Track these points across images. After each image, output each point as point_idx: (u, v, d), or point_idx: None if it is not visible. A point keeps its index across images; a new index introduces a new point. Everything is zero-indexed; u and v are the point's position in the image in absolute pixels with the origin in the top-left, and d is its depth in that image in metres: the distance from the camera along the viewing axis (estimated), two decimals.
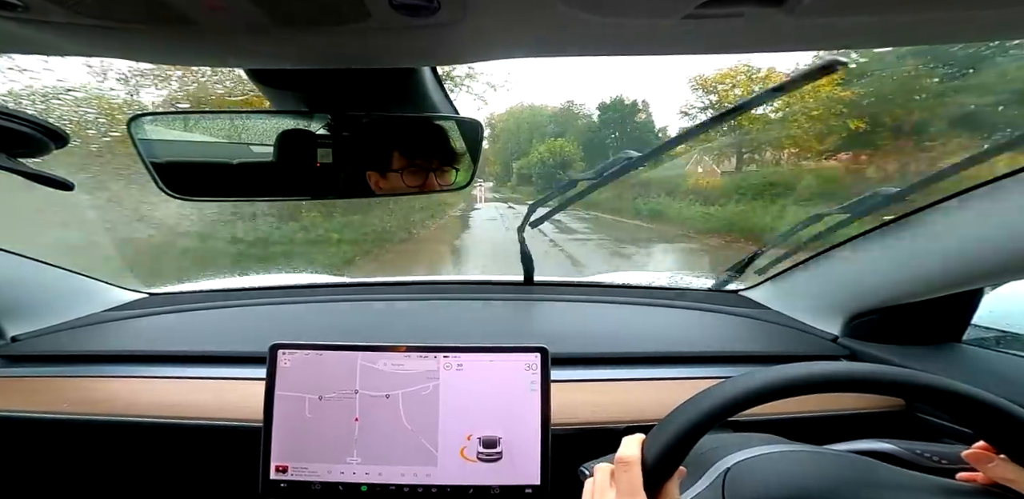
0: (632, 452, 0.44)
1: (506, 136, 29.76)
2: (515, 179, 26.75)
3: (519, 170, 25.82)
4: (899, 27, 0.41)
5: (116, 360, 0.88)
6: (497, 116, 31.11)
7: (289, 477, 0.68)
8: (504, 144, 29.78)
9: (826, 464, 0.49)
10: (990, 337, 0.88)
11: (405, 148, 0.69)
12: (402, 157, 0.68)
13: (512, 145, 28.37)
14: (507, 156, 29.02)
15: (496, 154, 30.97)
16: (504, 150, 29.50)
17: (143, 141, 0.62)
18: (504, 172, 30.43)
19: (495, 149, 30.71)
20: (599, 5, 0.35)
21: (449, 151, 0.72)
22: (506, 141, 29.63)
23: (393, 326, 1.02)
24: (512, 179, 28.27)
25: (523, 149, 26.38)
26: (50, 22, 0.38)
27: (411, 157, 0.68)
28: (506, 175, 29.75)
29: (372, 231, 7.18)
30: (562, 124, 26.39)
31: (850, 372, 0.44)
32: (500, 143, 30.47)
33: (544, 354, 0.70)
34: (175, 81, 4.31)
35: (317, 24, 0.39)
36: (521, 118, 29.51)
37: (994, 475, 0.44)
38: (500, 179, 30.75)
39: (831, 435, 0.62)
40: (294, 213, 5.73)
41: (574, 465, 0.58)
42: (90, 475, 0.85)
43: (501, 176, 30.63)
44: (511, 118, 30.10)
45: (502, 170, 30.65)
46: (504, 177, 30.34)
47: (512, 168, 27.89)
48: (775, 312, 1.03)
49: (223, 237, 4.75)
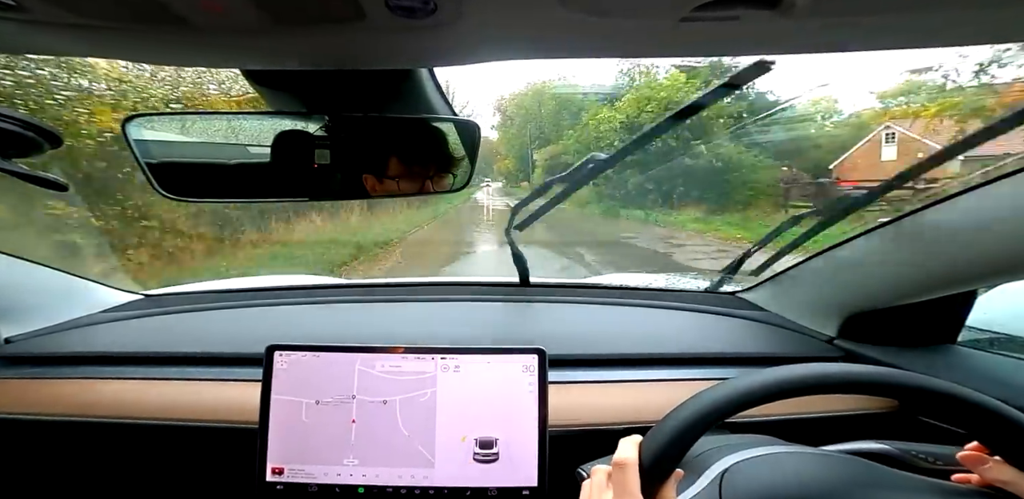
0: (629, 454, 0.44)
1: (523, 119, 21.26)
2: (538, 174, 18.98)
3: (548, 161, 17.79)
4: (894, 30, 0.41)
5: (111, 361, 0.88)
6: (512, 96, 22.24)
7: (286, 479, 0.68)
8: (520, 129, 21.66)
9: (822, 465, 0.50)
10: (984, 339, 0.88)
11: (402, 150, 0.68)
12: (399, 159, 0.68)
13: (533, 130, 21.22)
14: (523, 145, 21.30)
15: (508, 143, 22.78)
16: (519, 137, 21.68)
17: (138, 142, 0.62)
18: (519, 167, 22.53)
19: (507, 137, 22.97)
20: (595, 7, 0.35)
21: (446, 153, 0.72)
22: (523, 125, 21.34)
23: (390, 327, 1.02)
24: (531, 175, 20.51)
25: (549, 135, 18.83)
26: (50, 22, 0.38)
27: (408, 159, 0.68)
28: (521, 171, 22.40)
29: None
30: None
31: (846, 374, 0.44)
32: (514, 128, 22.22)
33: (541, 355, 0.70)
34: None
35: (314, 25, 0.39)
36: (545, 95, 20.19)
37: (988, 477, 0.45)
38: (513, 177, 23.24)
39: (826, 436, 0.62)
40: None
41: (571, 467, 0.58)
42: (86, 476, 0.85)
43: (514, 173, 23.12)
44: (532, 96, 20.47)
45: (516, 165, 22.79)
46: (519, 174, 22.65)
47: (532, 161, 20.52)
48: (771, 314, 1.03)
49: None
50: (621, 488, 0.42)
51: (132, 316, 1.04)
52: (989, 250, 0.64)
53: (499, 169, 24.96)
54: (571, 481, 0.56)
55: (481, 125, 0.72)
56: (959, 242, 0.68)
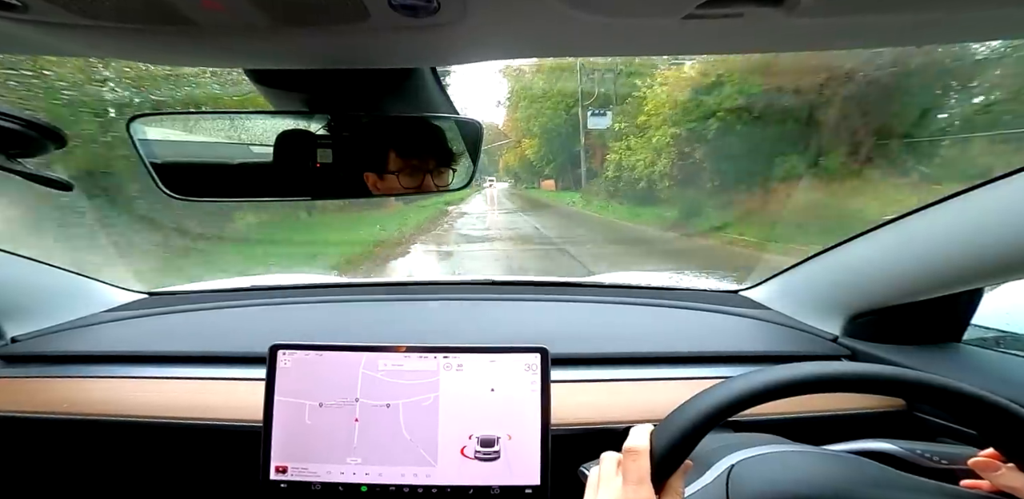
0: (642, 442, 0.44)
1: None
2: (606, 186, 11.44)
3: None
4: (898, 27, 0.41)
5: (116, 360, 0.88)
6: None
7: (289, 477, 0.68)
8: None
9: (828, 465, 0.49)
10: (990, 337, 0.88)
11: (404, 149, 0.68)
12: (400, 158, 0.68)
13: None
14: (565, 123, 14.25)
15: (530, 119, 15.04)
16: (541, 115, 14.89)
17: (143, 141, 0.62)
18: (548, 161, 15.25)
19: (528, 113, 15.32)
20: (599, 5, 0.35)
21: (448, 152, 0.72)
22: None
23: (393, 326, 1.02)
24: (582, 178, 13.63)
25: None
26: (50, 22, 0.38)
27: (409, 158, 0.68)
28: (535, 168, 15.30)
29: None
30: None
31: (868, 372, 0.44)
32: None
33: (544, 354, 0.70)
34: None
35: (316, 24, 0.39)
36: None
37: (1000, 484, 0.44)
38: (529, 176, 16.15)
39: (831, 435, 0.62)
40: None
41: (574, 465, 0.58)
42: (90, 475, 0.85)
43: (538, 171, 15.52)
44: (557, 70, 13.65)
45: (544, 157, 15.27)
46: (548, 173, 15.53)
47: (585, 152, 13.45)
48: (775, 312, 1.03)
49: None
50: (631, 475, 0.42)
51: (136, 315, 1.04)
52: (994, 248, 0.64)
53: (510, 168, 17.92)
54: (574, 480, 0.56)
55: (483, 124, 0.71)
56: (963, 240, 0.67)
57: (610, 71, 11.90)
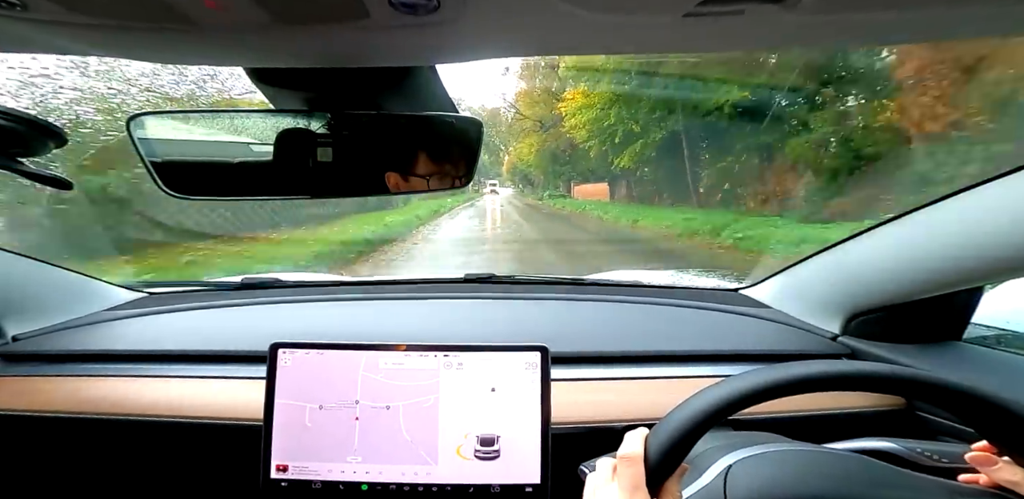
0: (635, 448, 0.44)
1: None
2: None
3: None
4: (900, 24, 0.40)
5: (117, 359, 0.88)
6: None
7: (289, 476, 0.68)
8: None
9: (827, 463, 0.49)
10: (991, 335, 0.88)
11: (404, 147, 0.68)
12: (400, 156, 0.68)
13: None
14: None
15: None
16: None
17: (143, 140, 0.62)
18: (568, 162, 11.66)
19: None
20: (599, 3, 0.35)
21: (448, 151, 0.71)
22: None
23: (394, 324, 1.02)
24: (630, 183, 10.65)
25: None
26: (50, 21, 0.38)
27: (409, 157, 0.68)
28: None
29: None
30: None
31: (859, 371, 0.44)
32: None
33: (544, 353, 0.70)
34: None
35: (316, 22, 0.39)
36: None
37: (997, 478, 0.44)
38: (541, 181, 12.67)
39: (831, 434, 0.62)
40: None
41: (574, 464, 0.58)
42: (91, 473, 0.85)
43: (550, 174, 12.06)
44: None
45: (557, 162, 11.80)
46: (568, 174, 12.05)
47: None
48: (775, 310, 1.03)
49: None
50: (626, 481, 0.42)
51: (136, 314, 1.04)
52: (994, 246, 0.64)
53: (521, 165, 13.58)
54: (574, 478, 0.56)
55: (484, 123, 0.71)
56: (963, 239, 0.67)
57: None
